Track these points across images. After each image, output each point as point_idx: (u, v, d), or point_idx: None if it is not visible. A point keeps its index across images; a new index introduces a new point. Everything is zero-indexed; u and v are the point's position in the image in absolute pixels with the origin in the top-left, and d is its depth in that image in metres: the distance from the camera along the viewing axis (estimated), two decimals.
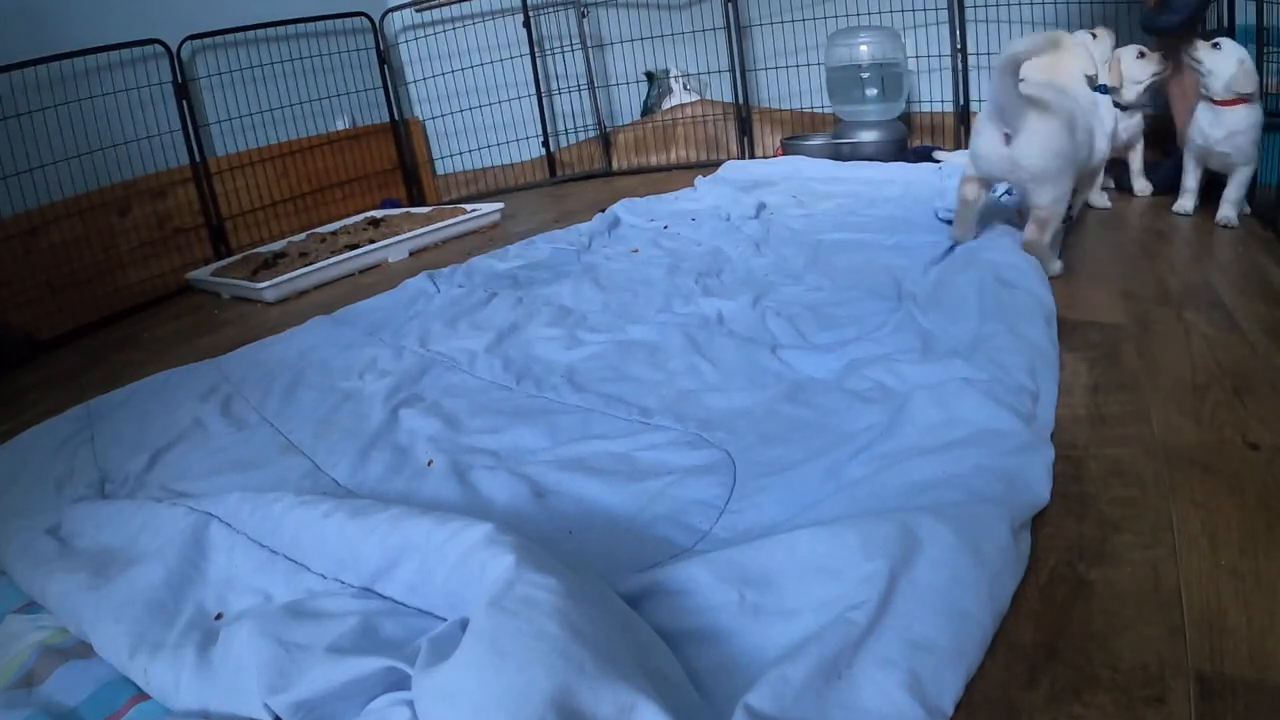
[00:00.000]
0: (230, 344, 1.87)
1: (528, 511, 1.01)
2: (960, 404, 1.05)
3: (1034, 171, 1.47)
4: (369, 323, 1.83)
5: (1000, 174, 1.54)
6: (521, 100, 3.39)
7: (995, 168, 1.53)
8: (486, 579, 0.69)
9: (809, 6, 3.10)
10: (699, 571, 0.77)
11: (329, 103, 3.13)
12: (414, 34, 3.36)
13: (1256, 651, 0.68)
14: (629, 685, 0.59)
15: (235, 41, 2.82)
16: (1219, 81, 1.76)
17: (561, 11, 3.34)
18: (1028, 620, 0.74)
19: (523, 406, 1.31)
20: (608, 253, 2.13)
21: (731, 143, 3.34)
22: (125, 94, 2.50)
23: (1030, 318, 1.32)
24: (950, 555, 0.75)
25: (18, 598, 0.96)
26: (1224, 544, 0.81)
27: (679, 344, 1.43)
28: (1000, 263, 1.55)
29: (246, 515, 0.93)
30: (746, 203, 2.36)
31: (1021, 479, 0.91)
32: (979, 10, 2.78)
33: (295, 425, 1.36)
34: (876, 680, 0.65)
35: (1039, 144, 1.45)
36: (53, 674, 0.81)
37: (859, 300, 1.55)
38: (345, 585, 0.83)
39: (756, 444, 1.09)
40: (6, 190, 2.20)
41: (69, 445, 1.42)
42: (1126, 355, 1.24)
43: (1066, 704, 0.65)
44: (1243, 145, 1.76)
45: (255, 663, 0.71)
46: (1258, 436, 0.98)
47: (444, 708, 0.58)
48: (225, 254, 2.71)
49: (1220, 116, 1.78)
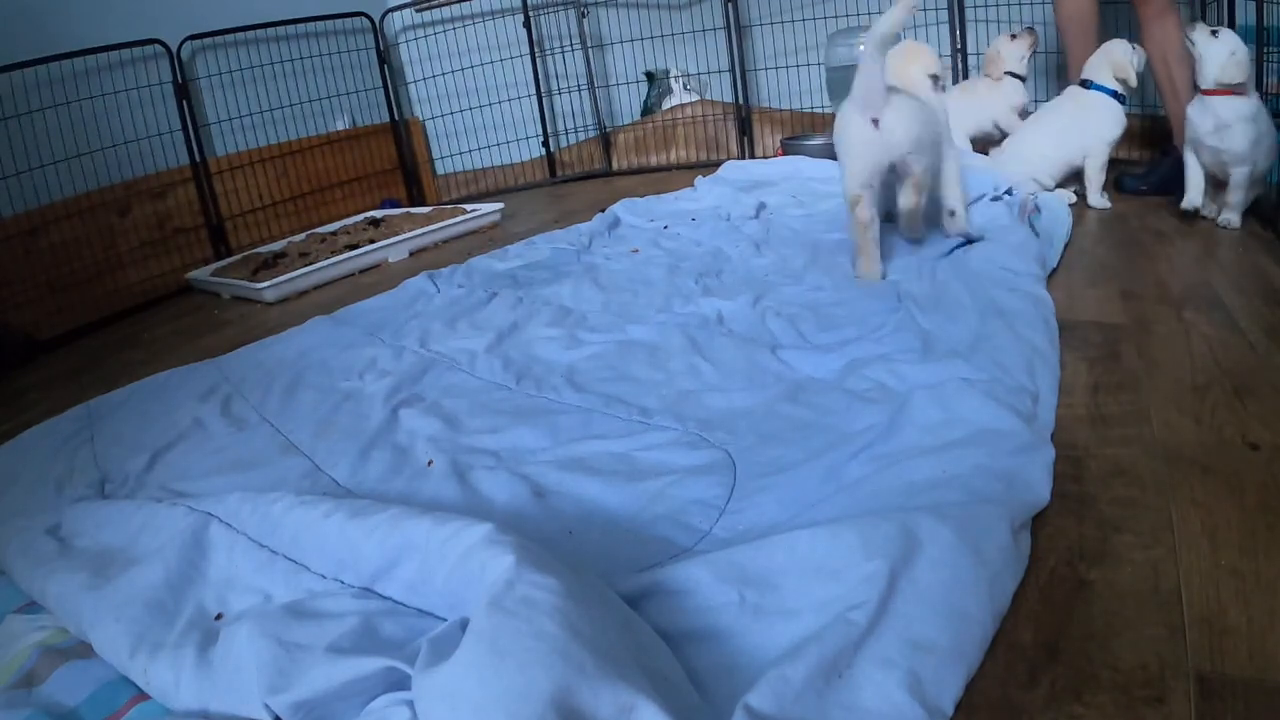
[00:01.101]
0: (230, 344, 1.87)
1: (528, 511, 1.01)
2: (960, 404, 1.05)
3: (905, 144, 1.53)
4: (369, 323, 1.83)
5: (875, 158, 1.55)
6: (521, 100, 3.39)
7: (871, 153, 1.55)
8: (486, 579, 0.69)
9: (809, 6, 3.10)
10: (699, 571, 0.77)
11: (329, 103, 3.13)
12: (414, 34, 3.36)
13: (1256, 651, 0.68)
14: (629, 685, 0.59)
15: (235, 41, 2.82)
16: (1209, 68, 1.74)
17: (561, 11, 3.34)
18: (1028, 620, 0.74)
19: (523, 406, 1.31)
20: (608, 253, 2.13)
21: (731, 143, 3.34)
22: (125, 94, 2.50)
23: (1030, 318, 1.32)
24: (950, 555, 0.75)
25: (18, 598, 0.96)
26: (1224, 544, 0.81)
27: (679, 344, 1.43)
28: (1000, 263, 1.55)
29: (246, 515, 0.93)
30: (746, 203, 2.36)
31: (1021, 479, 0.91)
32: (979, 10, 2.78)
33: (295, 425, 1.36)
34: (876, 680, 0.65)
35: (905, 119, 1.53)
36: (53, 674, 0.80)
37: (859, 300, 1.55)
38: (345, 585, 0.83)
39: (756, 444, 1.09)
40: (6, 190, 2.20)
41: (69, 445, 1.42)
42: (1126, 355, 1.24)
43: (1066, 704, 0.65)
44: (1235, 140, 1.72)
45: (255, 663, 0.71)
46: (1258, 436, 0.98)
47: (444, 708, 0.58)
48: (225, 254, 2.72)
49: (1208, 107, 1.76)
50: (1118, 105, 2.05)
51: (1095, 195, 2.09)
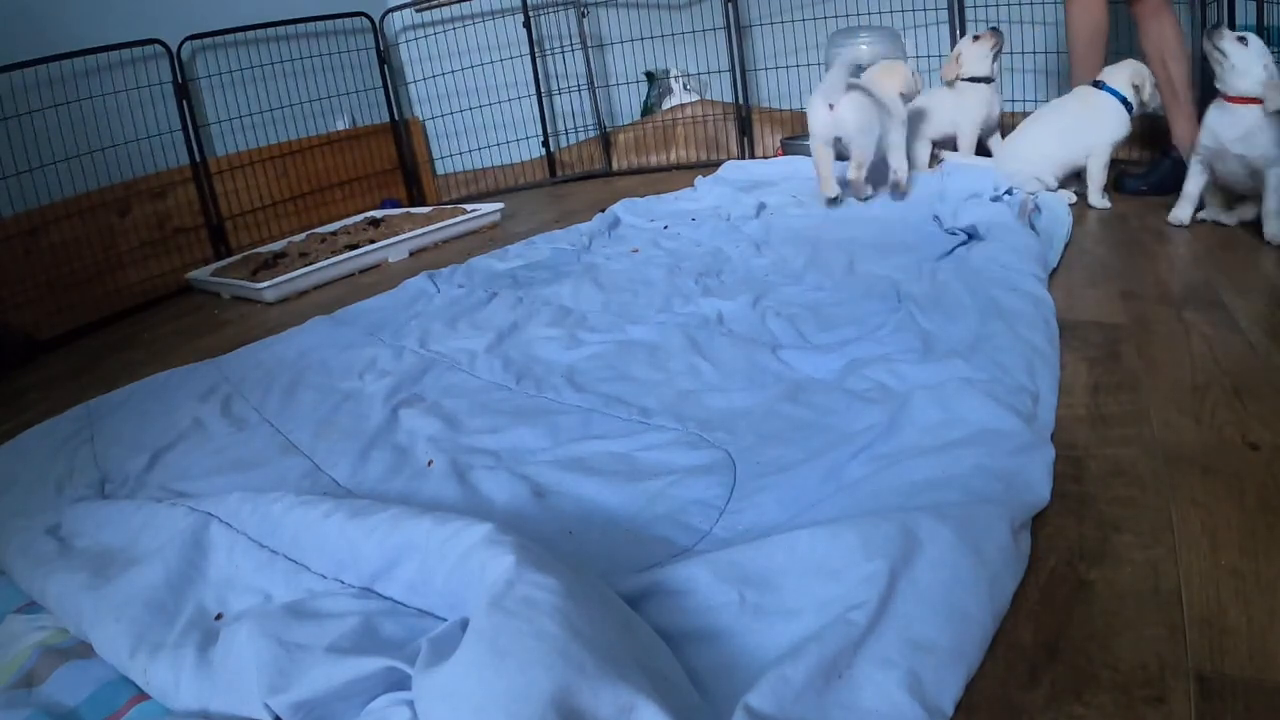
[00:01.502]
0: (230, 344, 1.87)
1: (528, 511, 1.01)
2: (960, 404, 1.05)
3: (851, 127, 2.08)
4: (369, 323, 1.83)
5: (829, 134, 2.12)
6: (521, 100, 3.39)
7: (826, 129, 2.11)
8: (486, 579, 0.69)
9: (809, 6, 3.10)
10: (699, 571, 0.77)
11: (329, 103, 3.13)
12: (414, 34, 3.36)
13: (1256, 651, 0.68)
14: (629, 685, 0.59)
15: (235, 41, 2.82)
16: (1238, 76, 1.65)
17: (561, 11, 3.34)
18: (1028, 620, 0.74)
19: (523, 406, 1.30)
20: (608, 253, 2.13)
21: (731, 143, 3.34)
22: (125, 94, 2.50)
23: (1030, 318, 1.32)
24: (950, 555, 0.75)
25: (18, 598, 0.96)
26: (1224, 544, 0.81)
27: (679, 344, 1.43)
28: (1000, 263, 1.56)
29: (246, 515, 0.93)
30: (746, 203, 2.36)
31: (1022, 479, 0.91)
32: (979, 10, 2.78)
33: (295, 425, 1.36)
34: (876, 680, 0.65)
35: (853, 107, 2.06)
36: (53, 674, 0.80)
37: (859, 300, 1.55)
38: (345, 585, 0.83)
39: (756, 444, 1.09)
40: (6, 190, 2.20)
41: (69, 445, 1.42)
42: (1126, 355, 1.24)
43: (1066, 704, 0.65)
44: (1263, 144, 1.63)
45: (255, 663, 0.71)
46: (1258, 436, 0.98)
47: (444, 708, 0.58)
48: (225, 254, 2.72)
49: (1234, 114, 1.67)
50: (1124, 110, 2.05)
51: (1096, 195, 2.09)
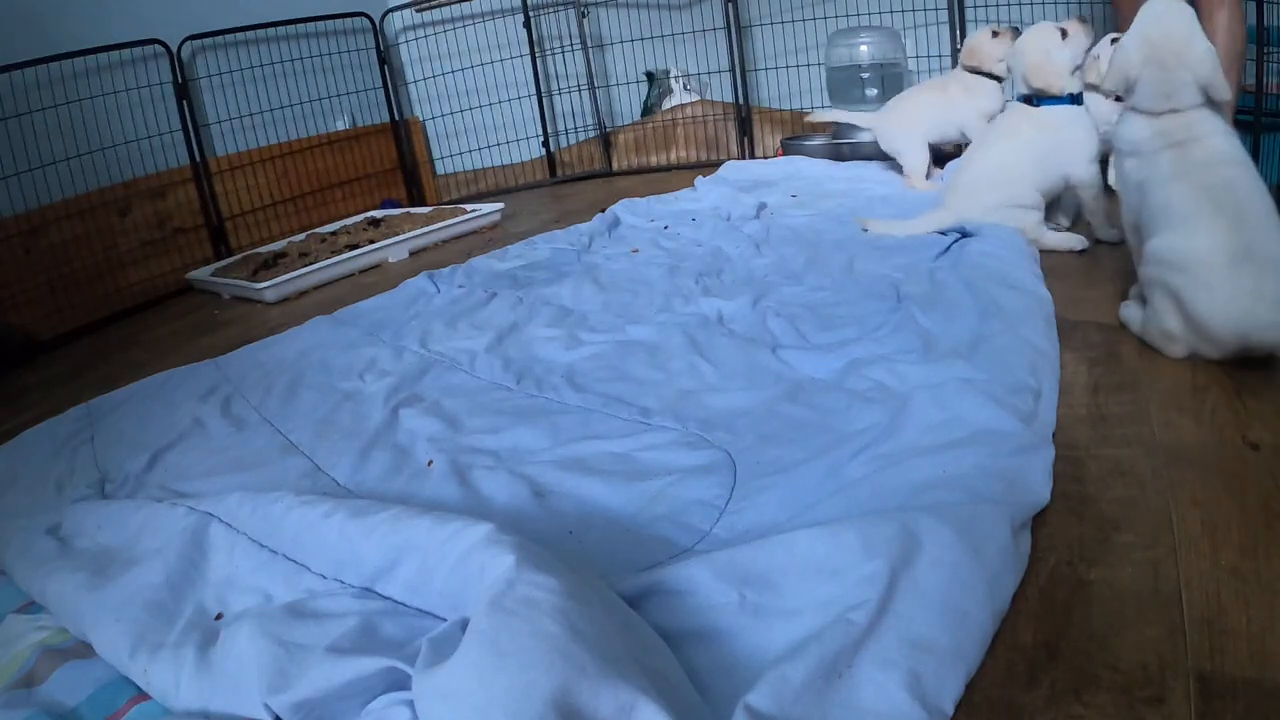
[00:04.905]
0: (230, 344, 1.87)
1: (528, 511, 1.01)
2: (960, 404, 1.05)
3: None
4: (369, 323, 1.83)
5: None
6: (521, 100, 3.39)
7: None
8: (486, 579, 0.69)
9: (809, 6, 3.10)
10: (699, 571, 0.77)
11: (329, 103, 3.13)
12: (414, 34, 3.36)
13: (1256, 651, 0.68)
14: (629, 685, 0.59)
15: (235, 41, 2.82)
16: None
17: (561, 11, 3.34)
18: (1028, 620, 0.74)
19: (523, 406, 1.30)
20: (608, 253, 2.13)
21: (731, 143, 3.34)
22: (125, 94, 2.50)
23: (1030, 318, 1.32)
24: (950, 555, 0.75)
25: (18, 598, 0.96)
26: (1224, 544, 0.81)
27: (679, 344, 1.43)
28: (1000, 263, 1.55)
29: (247, 515, 0.93)
30: (746, 203, 2.36)
31: (1022, 479, 0.91)
32: (979, 10, 2.78)
33: (295, 425, 1.36)
34: (876, 680, 0.65)
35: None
36: (53, 674, 0.81)
37: (859, 300, 1.55)
38: (345, 585, 0.83)
39: (756, 444, 1.09)
40: (6, 190, 2.21)
41: (69, 445, 1.42)
42: (1126, 355, 1.24)
43: (1066, 704, 0.65)
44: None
45: (255, 663, 0.71)
46: (1258, 436, 0.98)
47: (444, 708, 0.58)
48: (225, 254, 2.72)
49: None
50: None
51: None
